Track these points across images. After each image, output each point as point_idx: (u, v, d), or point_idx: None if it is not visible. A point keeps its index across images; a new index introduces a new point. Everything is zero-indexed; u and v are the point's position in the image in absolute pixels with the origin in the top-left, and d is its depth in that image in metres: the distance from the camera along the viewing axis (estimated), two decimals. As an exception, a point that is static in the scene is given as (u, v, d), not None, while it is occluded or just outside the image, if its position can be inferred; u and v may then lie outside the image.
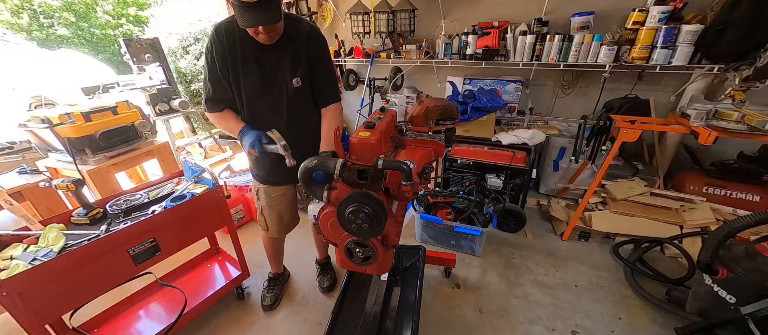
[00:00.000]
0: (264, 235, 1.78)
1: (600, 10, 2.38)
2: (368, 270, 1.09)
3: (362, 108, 3.55)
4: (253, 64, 1.32)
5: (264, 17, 1.14)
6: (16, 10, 8.17)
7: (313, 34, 1.35)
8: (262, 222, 1.68)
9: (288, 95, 1.37)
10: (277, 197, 1.60)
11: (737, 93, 2.00)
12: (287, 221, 1.70)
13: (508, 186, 2.58)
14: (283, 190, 1.59)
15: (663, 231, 2.15)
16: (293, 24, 1.31)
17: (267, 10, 1.13)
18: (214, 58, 1.30)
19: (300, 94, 1.39)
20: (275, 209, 1.63)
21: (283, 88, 1.36)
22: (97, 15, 9.26)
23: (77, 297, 1.28)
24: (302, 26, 1.33)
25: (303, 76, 1.36)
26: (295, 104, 1.40)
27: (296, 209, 1.73)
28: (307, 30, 1.34)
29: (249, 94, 1.36)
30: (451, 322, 1.79)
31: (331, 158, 0.96)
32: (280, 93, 1.37)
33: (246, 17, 1.12)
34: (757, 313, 1.31)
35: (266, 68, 1.33)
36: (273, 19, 1.16)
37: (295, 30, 1.31)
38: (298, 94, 1.38)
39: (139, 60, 2.61)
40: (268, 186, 1.57)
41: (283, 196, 1.61)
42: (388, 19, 2.88)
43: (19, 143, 2.38)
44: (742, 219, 1.28)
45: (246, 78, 1.33)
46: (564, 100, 2.88)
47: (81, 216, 1.39)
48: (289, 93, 1.37)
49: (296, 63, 1.34)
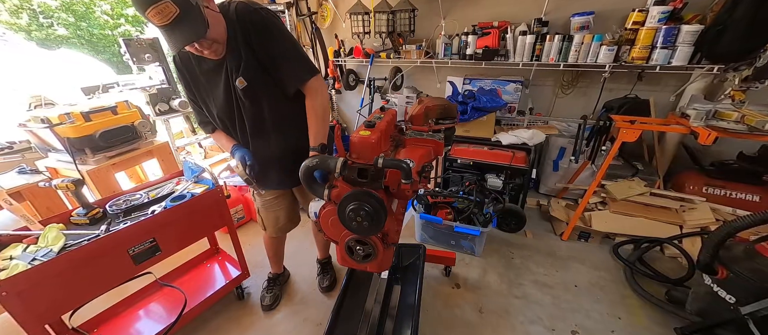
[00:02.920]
0: (264, 234, 1.79)
1: (600, 10, 2.38)
2: (368, 268, 1.09)
3: (362, 108, 3.55)
4: (210, 90, 1.25)
5: (185, 36, 1.00)
6: (16, 10, 8.16)
7: (242, 18, 1.13)
8: (260, 222, 1.71)
9: (241, 101, 1.23)
10: (273, 200, 1.60)
11: (737, 93, 2.01)
12: (284, 222, 1.70)
13: (508, 186, 2.58)
14: (278, 193, 1.60)
15: (663, 231, 2.15)
16: (225, 17, 1.12)
17: (185, 26, 0.98)
18: (184, 88, 1.29)
19: (250, 92, 1.20)
20: (271, 212, 1.64)
21: (236, 98, 1.23)
22: (95, 15, 9.26)
23: (77, 297, 1.28)
24: (231, 12, 1.13)
25: (246, 70, 1.17)
26: (251, 107, 1.25)
27: (295, 211, 1.73)
28: (236, 14, 1.13)
29: (217, 118, 1.34)
30: (451, 322, 1.79)
31: (331, 157, 0.96)
32: (234, 103, 1.25)
33: (170, 41, 1.01)
34: (757, 313, 1.31)
35: (221, 84, 1.22)
36: (196, 33, 1.01)
37: (229, 22, 1.13)
38: (249, 93, 1.20)
39: (139, 60, 2.61)
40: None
41: (278, 199, 1.61)
42: (388, 19, 2.88)
43: (18, 143, 2.38)
44: (741, 219, 1.28)
45: (211, 105, 1.29)
46: (564, 100, 2.88)
47: (81, 216, 1.39)
48: (241, 99, 1.22)
49: (237, 60, 1.16)
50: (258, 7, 1.17)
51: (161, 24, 0.96)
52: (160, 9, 0.93)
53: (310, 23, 3.43)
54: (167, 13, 0.95)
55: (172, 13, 0.95)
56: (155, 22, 0.96)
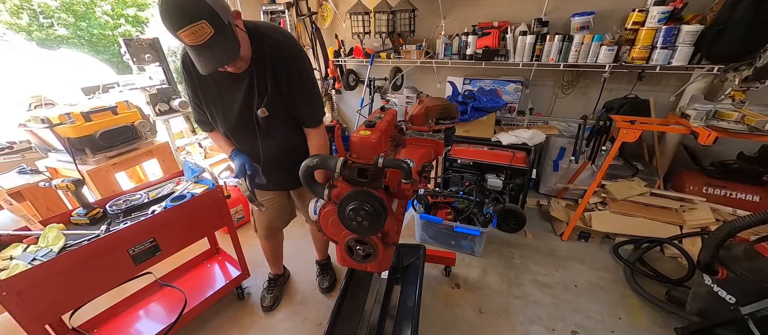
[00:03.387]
0: (260, 241, 1.80)
1: (600, 11, 2.38)
2: (368, 268, 1.09)
3: (362, 108, 3.56)
4: (221, 99, 1.24)
5: (217, 58, 0.98)
6: (16, 10, 8.16)
7: (276, 54, 1.15)
8: (253, 224, 1.72)
9: (259, 125, 1.27)
10: (266, 200, 1.60)
11: (737, 93, 2.01)
12: (276, 226, 1.72)
13: (508, 186, 2.58)
14: (271, 195, 1.60)
15: (663, 231, 2.15)
16: (257, 44, 1.11)
17: (218, 48, 0.96)
18: (187, 89, 1.26)
19: (270, 121, 1.24)
20: (262, 214, 1.63)
21: (252, 119, 1.25)
22: (96, 15, 9.26)
23: (77, 297, 1.28)
24: (266, 45, 1.13)
25: (269, 104, 1.20)
26: (267, 132, 1.30)
27: (286, 212, 1.72)
28: (270, 49, 1.14)
29: (223, 126, 1.33)
30: (451, 322, 1.79)
31: (331, 157, 0.96)
32: (251, 124, 1.28)
33: (200, 61, 0.98)
34: (757, 313, 1.31)
35: (235, 101, 1.23)
36: (229, 56, 0.99)
37: (260, 51, 1.13)
38: (267, 122, 1.24)
39: (139, 60, 2.61)
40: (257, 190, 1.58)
41: (271, 201, 1.61)
42: (388, 19, 2.88)
43: (18, 143, 2.37)
44: (741, 219, 1.28)
45: (217, 113, 1.29)
46: (564, 100, 2.88)
47: (81, 216, 1.39)
48: (259, 123, 1.26)
49: (262, 90, 1.18)
50: (291, 43, 1.17)
51: (193, 44, 0.94)
52: (195, 30, 0.91)
53: (310, 23, 3.44)
54: (201, 34, 0.92)
55: (206, 34, 0.92)
56: (187, 42, 0.94)
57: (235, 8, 1.10)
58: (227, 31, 0.97)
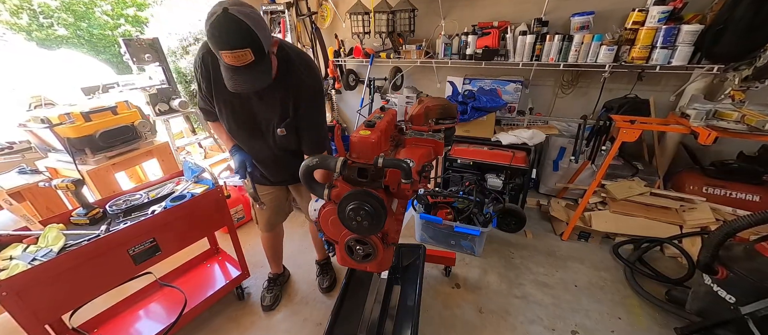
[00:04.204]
0: (260, 232, 1.82)
1: (600, 10, 2.38)
2: (368, 268, 1.09)
3: (362, 108, 3.56)
4: (239, 106, 1.26)
5: (251, 83, 1.02)
6: (16, 10, 8.16)
7: (301, 89, 1.21)
8: (253, 216, 1.76)
9: (274, 140, 1.33)
10: (265, 195, 1.62)
11: (737, 93, 2.01)
12: (275, 220, 1.74)
13: (508, 186, 2.58)
14: (269, 190, 1.62)
15: (663, 231, 2.15)
16: (285, 73, 1.17)
17: (254, 73, 1.00)
18: (200, 80, 1.26)
19: (285, 139, 1.31)
20: (264, 208, 1.65)
21: (269, 133, 1.31)
22: (95, 15, 9.26)
23: (77, 297, 1.28)
24: (293, 77, 1.19)
25: (289, 126, 1.27)
26: (282, 145, 1.35)
27: (284, 205, 1.75)
28: (295, 84, 1.20)
29: (234, 128, 1.35)
30: (451, 322, 1.79)
31: (331, 157, 0.96)
32: (266, 136, 1.33)
33: (233, 81, 1.01)
34: (757, 313, 1.31)
35: (253, 112, 1.27)
36: (262, 82, 1.04)
37: (286, 73, 1.18)
38: (283, 139, 1.31)
39: (139, 60, 2.61)
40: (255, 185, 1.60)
41: (269, 196, 1.63)
42: (388, 19, 2.88)
43: (18, 143, 2.37)
44: (741, 219, 1.28)
45: (231, 116, 1.30)
46: (564, 100, 2.88)
47: (81, 216, 1.39)
48: (275, 138, 1.32)
49: (284, 112, 1.24)
50: (314, 84, 1.24)
51: (232, 64, 0.98)
52: (239, 55, 0.95)
53: (310, 23, 3.43)
54: (243, 59, 0.97)
55: (247, 60, 0.97)
56: (225, 61, 0.98)
57: None
58: (266, 60, 1.02)
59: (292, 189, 1.68)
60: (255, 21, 0.97)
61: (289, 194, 1.71)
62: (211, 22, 0.93)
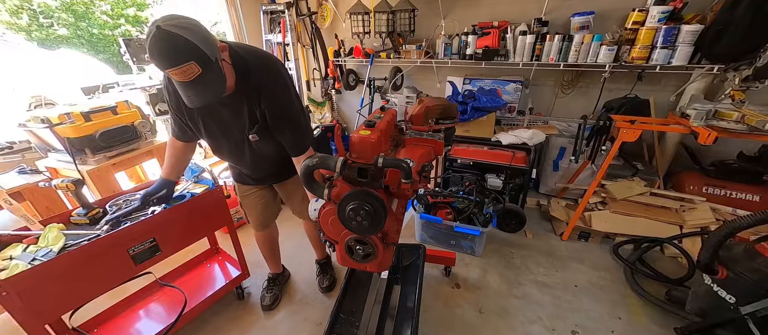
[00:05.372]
0: (253, 232, 1.82)
1: (600, 10, 2.38)
2: (368, 267, 1.09)
3: (362, 108, 3.56)
4: (210, 119, 1.26)
5: (204, 95, 1.00)
6: (16, 10, 8.16)
7: (263, 91, 1.17)
8: (244, 215, 1.74)
9: (249, 146, 1.32)
10: (250, 194, 1.63)
11: (737, 93, 2.01)
12: (263, 218, 1.73)
13: (508, 186, 2.58)
14: (254, 189, 1.62)
15: (663, 231, 2.15)
16: (243, 78, 1.13)
17: (204, 85, 0.98)
18: (171, 104, 1.26)
19: (260, 143, 1.29)
20: (250, 207, 1.68)
21: (243, 140, 1.31)
22: (95, 15, 9.26)
23: (77, 297, 1.28)
24: (252, 81, 1.15)
25: (260, 131, 1.24)
26: (259, 149, 1.34)
27: (273, 209, 1.75)
28: (256, 86, 1.15)
29: (210, 141, 1.36)
30: (451, 322, 1.79)
31: (331, 157, 0.96)
32: (241, 144, 1.33)
33: (188, 97, 1.00)
34: (757, 313, 1.31)
35: (224, 122, 1.26)
36: (215, 93, 1.02)
37: (245, 78, 1.14)
38: (259, 144, 1.30)
39: (139, 60, 2.61)
40: (239, 184, 1.62)
41: (256, 195, 1.64)
42: (388, 19, 2.88)
43: (18, 142, 2.37)
44: (741, 219, 1.28)
45: (205, 129, 1.30)
46: (564, 100, 2.88)
47: (81, 216, 1.39)
48: (249, 144, 1.31)
49: (253, 118, 1.22)
50: (274, 83, 1.19)
51: (181, 80, 0.97)
52: (184, 70, 0.94)
53: (310, 23, 3.43)
54: (190, 73, 0.95)
55: (194, 73, 0.95)
56: (176, 79, 0.97)
57: (237, 12, 1.10)
58: (214, 68, 0.99)
59: (278, 190, 1.66)
60: (193, 32, 0.93)
61: (276, 194, 1.71)
62: (148, 44, 0.91)
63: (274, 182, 1.61)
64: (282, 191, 1.66)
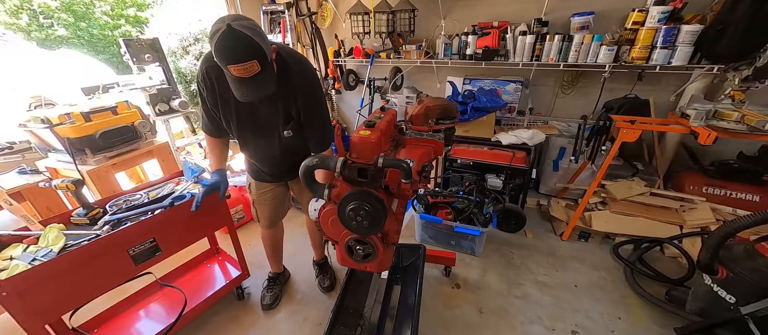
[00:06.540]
0: (261, 230, 1.82)
1: (600, 10, 2.38)
2: (368, 268, 1.09)
3: (362, 108, 3.56)
4: (245, 114, 1.31)
5: (258, 91, 1.09)
6: (16, 10, 8.16)
7: (300, 90, 1.26)
8: (254, 214, 1.76)
9: (281, 142, 1.38)
10: (266, 192, 1.65)
11: (737, 93, 2.01)
12: (274, 216, 1.75)
13: (508, 186, 2.58)
14: (271, 187, 1.64)
15: (663, 231, 2.15)
16: (284, 77, 1.22)
17: (260, 82, 1.07)
18: (206, 95, 1.29)
19: (292, 139, 1.36)
20: (264, 204, 1.69)
21: (274, 136, 1.37)
22: (95, 15, 9.26)
23: (77, 297, 1.28)
24: (292, 80, 1.24)
25: (294, 128, 1.33)
26: (288, 145, 1.40)
27: (283, 208, 1.77)
28: (295, 86, 1.25)
29: (241, 136, 1.40)
30: (451, 322, 1.79)
31: (331, 157, 0.97)
32: (272, 139, 1.38)
33: (241, 91, 1.08)
34: (757, 313, 1.31)
35: (259, 118, 1.32)
36: (267, 90, 1.10)
37: (285, 76, 1.22)
38: (290, 140, 1.37)
39: (139, 60, 2.61)
40: (257, 182, 1.63)
41: (271, 192, 1.65)
42: (388, 19, 2.88)
43: (18, 143, 2.37)
44: (741, 219, 1.28)
45: (238, 124, 1.34)
46: (564, 100, 2.88)
47: (81, 216, 1.39)
48: (282, 141, 1.37)
49: (288, 114, 1.30)
50: (312, 85, 1.28)
51: (239, 76, 1.04)
52: (246, 67, 1.01)
53: (310, 23, 3.43)
54: (250, 71, 1.03)
55: (254, 70, 1.03)
56: (233, 74, 1.03)
57: (237, 12, 1.15)
58: (269, 68, 1.08)
59: (292, 187, 1.70)
60: (257, 33, 1.01)
61: (289, 191, 1.74)
62: (216, 39, 0.97)
63: (291, 178, 1.64)
64: (296, 186, 1.68)
